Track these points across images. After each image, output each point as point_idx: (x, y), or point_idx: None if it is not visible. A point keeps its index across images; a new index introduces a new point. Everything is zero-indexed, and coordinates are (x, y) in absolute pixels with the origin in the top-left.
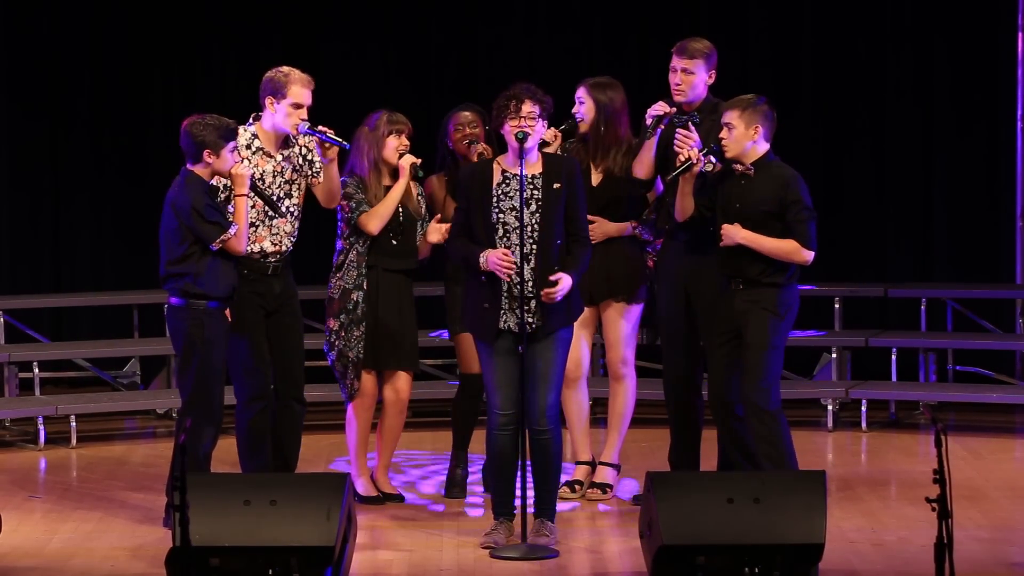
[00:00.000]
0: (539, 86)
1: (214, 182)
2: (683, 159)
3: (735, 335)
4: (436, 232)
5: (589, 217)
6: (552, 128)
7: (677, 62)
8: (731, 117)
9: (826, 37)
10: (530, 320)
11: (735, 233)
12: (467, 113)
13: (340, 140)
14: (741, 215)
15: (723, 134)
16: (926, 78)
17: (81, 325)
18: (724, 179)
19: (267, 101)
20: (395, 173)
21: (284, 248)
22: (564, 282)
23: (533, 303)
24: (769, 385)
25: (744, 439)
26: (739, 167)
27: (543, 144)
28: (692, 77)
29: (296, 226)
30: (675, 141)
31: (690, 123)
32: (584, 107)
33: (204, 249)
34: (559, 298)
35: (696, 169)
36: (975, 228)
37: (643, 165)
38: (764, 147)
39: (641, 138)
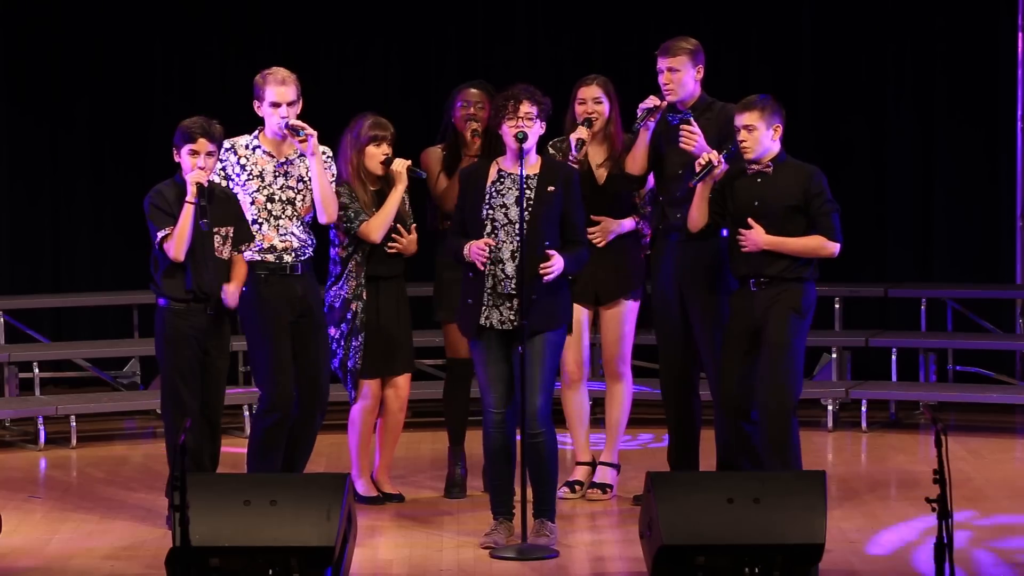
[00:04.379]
0: (537, 86)
1: (217, 178)
2: (703, 163)
3: (751, 336)
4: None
5: (595, 217)
6: (583, 126)
7: (662, 62)
8: (751, 119)
9: (826, 37)
10: (512, 318)
11: (758, 239)
12: (474, 91)
13: (303, 134)
14: (761, 214)
15: (742, 136)
16: (926, 77)
17: (81, 325)
18: (734, 181)
19: (255, 107)
20: (379, 179)
21: (296, 245)
22: (557, 261)
23: (515, 301)
24: (792, 386)
25: (754, 444)
26: (755, 166)
27: (581, 144)
28: (679, 74)
29: (306, 228)
30: (680, 138)
31: (690, 119)
32: (602, 106)
33: (161, 249)
34: (555, 274)
35: (717, 172)
36: (975, 228)
37: (636, 161)
38: (779, 145)
39: (631, 132)
